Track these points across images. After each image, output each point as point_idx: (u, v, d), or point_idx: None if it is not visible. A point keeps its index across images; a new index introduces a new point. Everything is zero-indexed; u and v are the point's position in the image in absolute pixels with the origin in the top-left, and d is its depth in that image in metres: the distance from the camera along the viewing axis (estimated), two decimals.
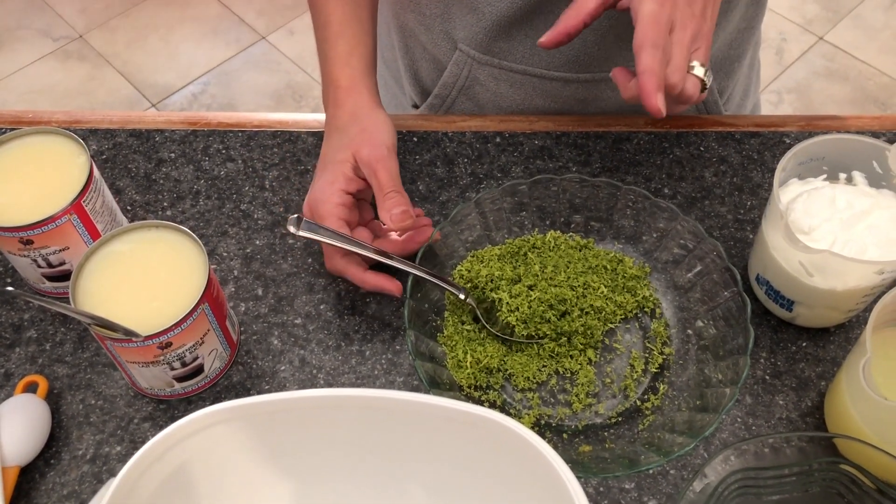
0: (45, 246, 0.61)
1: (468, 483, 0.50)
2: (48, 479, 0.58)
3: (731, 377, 0.57)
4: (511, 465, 0.48)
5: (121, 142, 0.76)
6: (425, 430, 0.49)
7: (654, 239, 0.67)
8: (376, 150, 0.64)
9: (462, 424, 0.48)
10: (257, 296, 0.66)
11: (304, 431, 0.50)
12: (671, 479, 0.58)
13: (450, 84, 0.80)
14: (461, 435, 0.49)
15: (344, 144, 0.65)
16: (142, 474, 0.46)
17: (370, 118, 0.67)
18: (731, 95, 0.84)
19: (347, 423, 0.50)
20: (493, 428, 0.47)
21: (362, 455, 0.51)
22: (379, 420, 0.50)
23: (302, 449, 0.51)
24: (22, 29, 2.32)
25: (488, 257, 0.66)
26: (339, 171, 0.64)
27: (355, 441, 0.51)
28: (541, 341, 0.62)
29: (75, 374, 0.63)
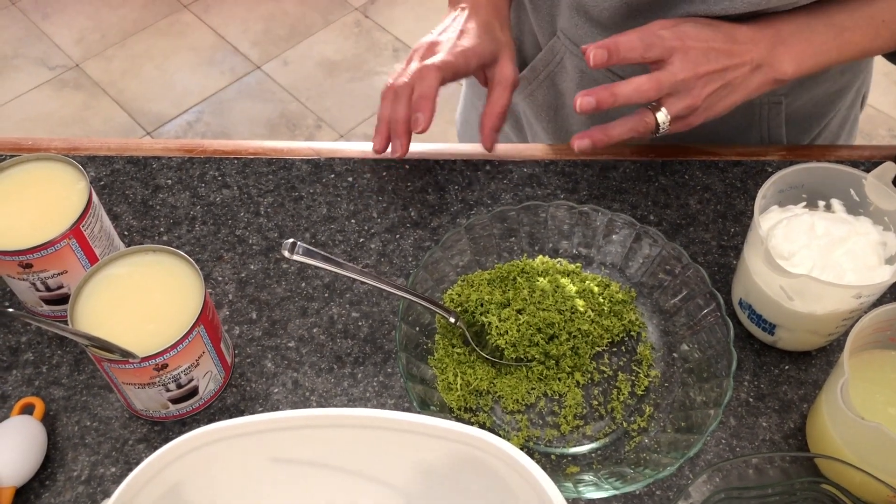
0: (43, 270, 0.62)
1: (456, 501, 0.51)
2: (43, 499, 0.59)
3: (714, 399, 0.59)
4: (501, 485, 0.49)
5: (118, 168, 0.77)
6: (416, 449, 0.51)
7: (639, 264, 0.68)
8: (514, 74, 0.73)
9: (453, 443, 0.49)
10: (251, 319, 0.68)
11: (297, 451, 0.51)
12: (657, 499, 0.59)
13: (540, 67, 0.83)
14: (452, 454, 0.50)
15: (492, 40, 0.72)
16: (136, 494, 0.47)
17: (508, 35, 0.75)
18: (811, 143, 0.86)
19: (339, 442, 0.51)
20: (482, 447, 0.48)
21: (353, 474, 0.52)
22: (371, 439, 0.51)
23: (294, 468, 0.52)
24: (19, 58, 2.34)
25: (478, 282, 0.67)
26: (472, 60, 0.71)
27: (347, 460, 0.52)
28: (529, 364, 0.64)
29: (71, 396, 0.64)
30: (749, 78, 0.65)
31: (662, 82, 0.63)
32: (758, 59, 0.65)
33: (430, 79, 0.69)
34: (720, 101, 0.66)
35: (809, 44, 0.66)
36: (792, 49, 0.65)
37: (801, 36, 0.66)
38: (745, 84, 0.65)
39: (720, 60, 0.64)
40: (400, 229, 0.73)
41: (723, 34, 0.65)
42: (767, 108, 0.79)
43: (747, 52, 0.65)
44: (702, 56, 0.63)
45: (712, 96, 0.65)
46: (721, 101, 0.66)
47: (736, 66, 0.64)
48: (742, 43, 0.65)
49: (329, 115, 2.21)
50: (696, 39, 0.64)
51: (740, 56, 0.64)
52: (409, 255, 0.72)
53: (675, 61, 0.63)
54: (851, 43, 0.67)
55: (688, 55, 0.63)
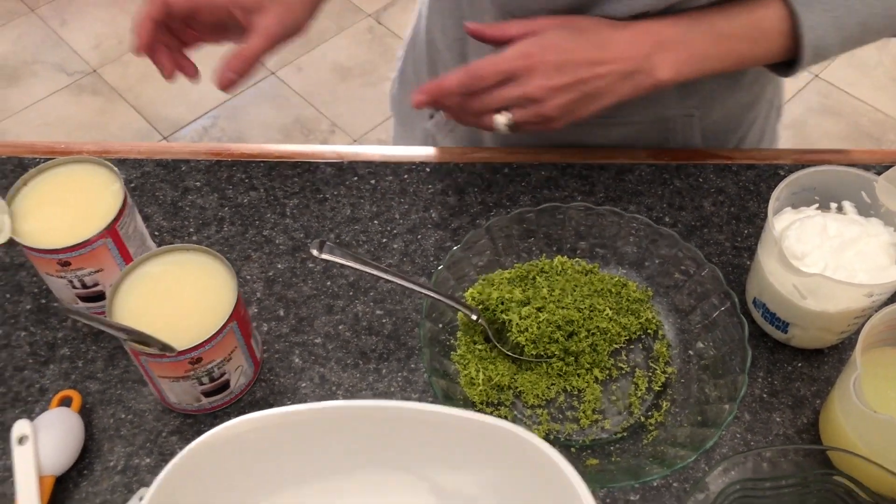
0: (80, 268, 0.64)
1: (482, 491, 0.53)
2: (81, 488, 0.61)
3: (729, 394, 0.61)
4: (524, 474, 0.51)
5: (148, 171, 0.80)
6: (441, 440, 0.53)
7: (655, 265, 0.70)
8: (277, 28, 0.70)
9: (477, 435, 0.51)
10: (279, 316, 0.70)
11: (326, 441, 0.53)
12: (674, 491, 0.61)
13: None
14: (476, 445, 0.52)
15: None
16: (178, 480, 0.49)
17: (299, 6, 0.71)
18: None
19: (367, 433, 0.53)
20: (507, 438, 0.50)
21: (381, 463, 0.54)
22: (397, 430, 0.53)
23: (322, 458, 0.54)
24: (38, 63, 2.38)
25: (498, 281, 0.69)
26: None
27: (374, 450, 0.54)
28: (549, 360, 0.66)
29: (106, 390, 0.66)
30: (618, 84, 0.67)
31: (504, 97, 0.66)
32: (630, 67, 0.67)
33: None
34: (583, 107, 0.68)
35: (689, 51, 0.68)
36: (671, 56, 0.67)
37: (681, 43, 0.67)
38: (614, 90, 0.67)
39: (577, 73, 0.66)
40: (421, 230, 0.75)
41: (591, 44, 0.67)
42: (680, 122, 0.81)
43: (617, 61, 0.66)
44: (554, 71, 0.66)
45: (570, 104, 0.67)
46: (585, 107, 0.68)
47: (599, 76, 0.66)
48: (613, 52, 0.67)
49: (342, 119, 2.23)
50: (556, 51, 0.66)
51: (607, 65, 0.66)
52: (431, 255, 0.74)
53: (524, 76, 0.66)
54: (732, 50, 0.68)
55: (536, 72, 0.66)
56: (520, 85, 0.66)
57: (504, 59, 0.66)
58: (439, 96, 0.68)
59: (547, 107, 0.67)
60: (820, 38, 0.66)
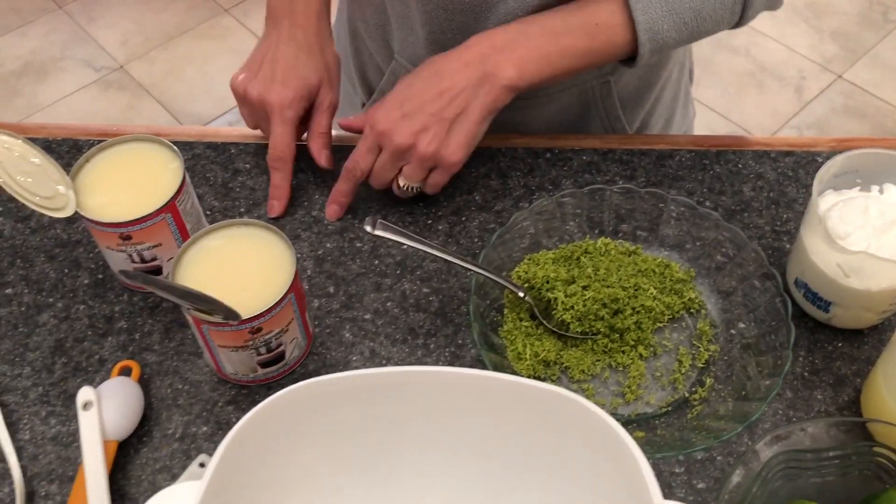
0: (141, 242, 0.67)
1: (536, 456, 0.55)
2: (142, 454, 0.63)
3: (773, 370, 0.62)
4: (578, 438, 0.52)
5: (199, 153, 0.82)
6: (497, 406, 0.54)
7: (697, 247, 0.72)
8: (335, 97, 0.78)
9: (533, 401, 0.53)
10: (329, 293, 0.72)
11: (385, 408, 0.55)
12: (718, 464, 0.62)
13: (386, 89, 0.88)
14: (531, 411, 0.53)
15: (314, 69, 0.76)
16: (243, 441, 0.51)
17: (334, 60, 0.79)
18: (647, 123, 0.91)
19: (423, 400, 0.55)
20: (562, 403, 0.52)
21: (438, 429, 0.56)
22: (454, 397, 0.54)
23: (382, 424, 0.56)
24: (66, 59, 2.41)
25: (543, 260, 0.71)
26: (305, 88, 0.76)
27: (432, 417, 0.55)
28: (594, 337, 0.67)
29: (163, 362, 0.68)
30: (473, 97, 0.70)
31: (384, 165, 0.72)
32: (474, 78, 0.70)
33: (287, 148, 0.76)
34: (458, 130, 0.71)
35: (527, 49, 0.70)
36: (510, 55, 0.70)
37: (516, 43, 0.70)
38: (475, 102, 0.70)
39: (426, 109, 0.70)
40: (465, 212, 0.77)
41: (426, 80, 0.71)
42: (598, 88, 0.84)
43: (456, 82, 0.70)
44: (403, 120, 0.70)
45: (440, 135, 0.70)
46: (460, 129, 0.71)
47: (449, 100, 0.70)
48: (448, 77, 0.70)
49: None
50: (397, 105, 0.71)
51: (450, 91, 0.70)
52: (475, 236, 0.76)
53: (385, 140, 0.71)
54: (570, 47, 0.71)
55: (391, 131, 0.70)
56: (386, 149, 0.72)
57: (362, 139, 0.73)
58: (345, 199, 0.76)
59: (420, 149, 0.70)
60: (654, 22, 0.69)
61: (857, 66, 2.32)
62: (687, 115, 0.99)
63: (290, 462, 0.55)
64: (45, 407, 0.66)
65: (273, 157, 0.76)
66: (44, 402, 0.66)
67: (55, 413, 0.65)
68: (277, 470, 0.54)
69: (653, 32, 0.70)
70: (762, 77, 2.31)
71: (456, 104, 0.69)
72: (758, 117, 2.22)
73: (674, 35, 0.71)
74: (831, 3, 2.50)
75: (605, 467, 0.51)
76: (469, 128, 0.70)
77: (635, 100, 0.88)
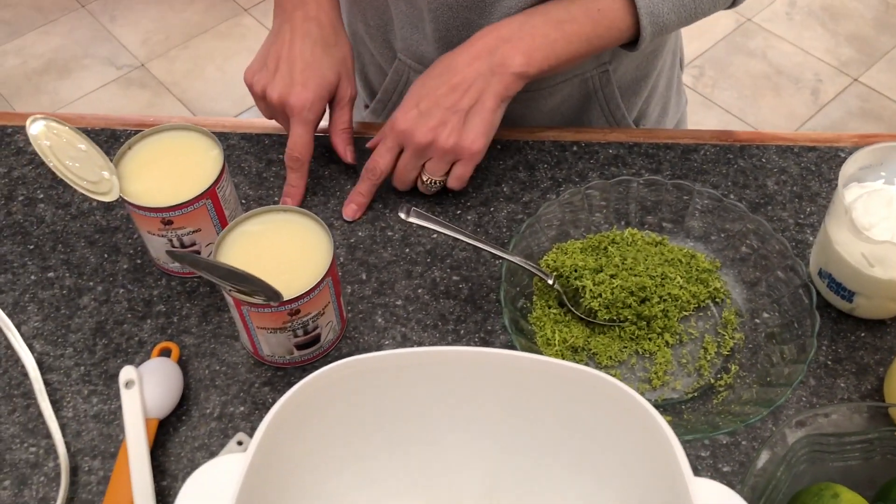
0: (182, 227, 0.68)
1: (568, 435, 0.56)
2: (181, 432, 0.65)
3: (797, 357, 0.63)
4: (609, 418, 0.54)
5: (233, 144, 0.84)
6: (529, 387, 0.56)
7: (722, 239, 0.73)
8: (353, 90, 0.79)
9: (565, 381, 0.54)
10: (361, 280, 0.74)
11: (419, 387, 0.56)
12: (743, 448, 0.64)
13: (390, 89, 0.90)
14: (564, 391, 0.55)
15: (332, 65, 0.77)
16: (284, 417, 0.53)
17: (349, 52, 0.80)
18: (644, 112, 0.94)
19: (457, 380, 0.56)
20: (594, 384, 0.53)
21: (473, 409, 0.57)
22: (488, 377, 0.56)
23: (417, 403, 0.57)
24: (88, 58, 2.44)
25: (571, 250, 0.72)
26: (324, 88, 0.76)
27: (466, 397, 0.57)
28: (622, 324, 0.69)
29: (201, 344, 0.70)
30: (486, 88, 0.72)
31: (406, 165, 0.75)
32: (484, 70, 0.72)
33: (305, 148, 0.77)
34: (474, 121, 0.73)
35: (533, 38, 0.72)
36: (518, 45, 0.72)
37: (522, 33, 0.72)
38: (487, 93, 0.72)
39: (441, 104, 0.72)
40: (494, 203, 0.79)
41: (438, 77, 0.73)
42: (598, 78, 0.86)
43: (467, 75, 0.72)
44: (421, 118, 0.72)
45: (458, 127, 0.72)
46: (476, 120, 0.72)
47: (462, 93, 0.72)
48: (459, 71, 0.72)
49: None
50: (414, 104, 0.73)
51: (462, 84, 0.72)
52: (503, 226, 0.77)
53: (405, 140, 0.73)
54: (574, 33, 0.73)
55: (411, 130, 0.73)
56: (407, 147, 0.74)
57: (382, 141, 0.76)
58: (364, 200, 0.77)
59: (440, 143, 0.72)
60: (654, 6, 0.71)
61: (874, 69, 2.33)
62: (680, 102, 1.01)
63: (327, 441, 0.56)
64: (87, 386, 0.68)
65: (291, 157, 0.77)
66: (86, 382, 0.68)
67: (97, 392, 0.67)
68: (315, 449, 0.56)
69: (654, 16, 0.72)
70: (778, 80, 2.32)
71: (469, 95, 0.71)
72: (774, 120, 2.23)
73: (674, 18, 0.73)
74: (847, 7, 2.51)
75: (636, 446, 0.53)
76: (485, 116, 0.72)
77: (633, 89, 0.90)
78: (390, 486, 0.58)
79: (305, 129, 0.76)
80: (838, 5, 2.51)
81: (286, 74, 0.76)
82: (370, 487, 0.58)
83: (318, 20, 0.77)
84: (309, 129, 0.76)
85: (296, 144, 0.76)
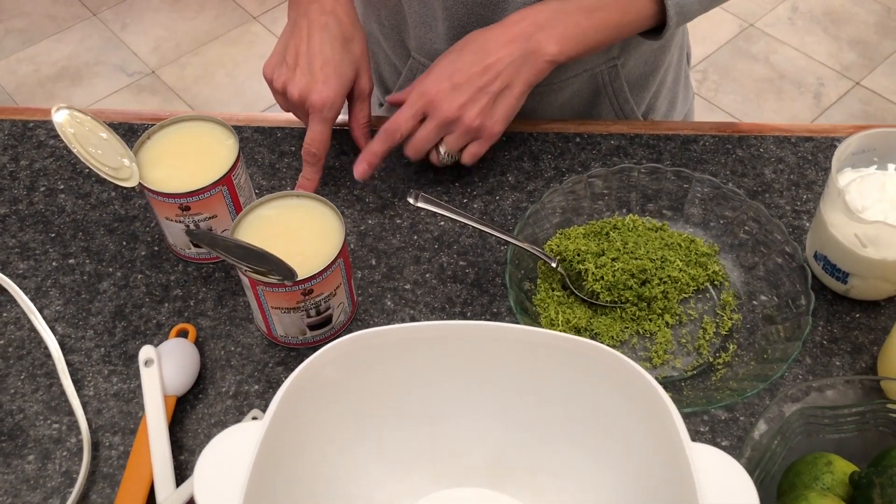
0: (198, 213, 0.71)
1: (573, 405, 0.58)
2: (198, 409, 0.68)
3: (793, 335, 0.66)
4: (612, 388, 0.56)
5: (247, 136, 0.86)
6: (535, 359, 0.58)
7: (721, 225, 0.76)
8: (371, 83, 0.80)
9: (570, 354, 0.57)
10: (371, 265, 0.76)
11: (429, 361, 0.59)
12: (741, 424, 0.66)
13: (405, 87, 0.91)
14: (568, 363, 0.57)
15: (350, 61, 0.78)
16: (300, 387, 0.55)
17: (365, 45, 0.80)
18: (652, 106, 0.96)
19: (465, 353, 0.58)
20: (597, 356, 0.55)
21: (479, 383, 0.59)
22: (495, 351, 0.58)
23: (427, 377, 0.59)
24: (100, 65, 2.48)
25: (574, 235, 0.75)
26: (344, 86, 0.77)
27: (474, 370, 0.59)
28: (623, 306, 0.71)
29: (216, 326, 0.73)
30: (517, 73, 0.74)
31: (426, 134, 0.75)
32: (517, 55, 0.74)
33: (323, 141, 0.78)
34: (502, 105, 0.75)
35: (566, 26, 0.74)
36: (552, 32, 0.74)
37: (556, 20, 0.74)
38: (518, 78, 0.74)
39: (473, 83, 0.74)
40: (499, 192, 0.81)
41: (474, 54, 0.74)
42: (607, 73, 0.88)
43: (502, 58, 0.74)
44: (453, 92, 0.74)
45: (486, 109, 0.74)
46: (504, 104, 0.75)
47: (495, 75, 0.74)
48: (494, 53, 0.74)
49: None
50: (447, 76, 0.74)
51: (496, 66, 0.74)
52: (508, 214, 0.80)
53: (431, 110, 0.74)
54: (605, 21, 0.75)
55: (439, 101, 0.74)
56: (432, 118, 0.75)
57: (408, 105, 0.76)
58: (376, 160, 0.77)
59: (466, 121, 0.74)
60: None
61: (876, 72, 2.35)
62: (687, 97, 1.04)
63: (341, 414, 0.58)
64: (108, 366, 0.70)
65: (308, 152, 0.78)
66: (106, 362, 0.70)
67: (117, 372, 0.70)
68: (329, 421, 0.58)
69: (679, 5, 0.74)
70: (781, 84, 2.34)
71: (501, 79, 0.74)
72: (777, 123, 2.25)
73: (697, 5, 0.75)
74: (849, 12, 2.53)
75: (636, 415, 0.55)
76: (511, 102, 0.74)
77: (641, 83, 0.92)
78: (400, 458, 0.61)
79: (324, 126, 0.77)
80: (840, 10, 2.54)
81: (306, 71, 0.76)
82: (382, 460, 0.60)
83: (334, 14, 0.78)
84: (327, 127, 0.77)
85: (314, 141, 0.77)
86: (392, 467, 0.60)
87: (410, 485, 0.61)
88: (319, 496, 0.57)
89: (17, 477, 0.64)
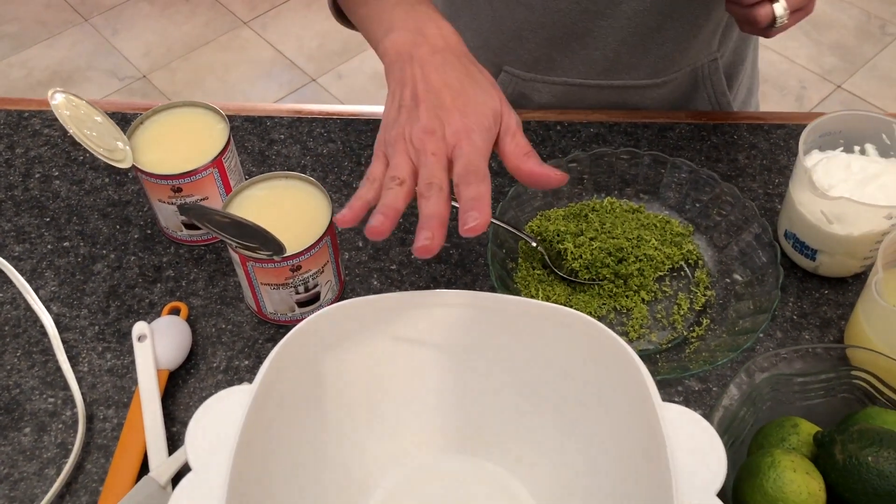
0: (190, 194, 0.73)
1: (550, 371, 0.61)
2: (190, 384, 0.70)
3: (763, 308, 0.68)
4: (586, 353, 0.58)
5: (237, 125, 0.89)
6: (514, 326, 0.60)
7: (696, 208, 0.78)
8: (516, 116, 0.62)
9: (547, 320, 0.59)
10: (358, 247, 0.78)
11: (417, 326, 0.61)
12: (714, 394, 0.69)
13: None
14: (545, 330, 0.59)
15: (488, 92, 0.61)
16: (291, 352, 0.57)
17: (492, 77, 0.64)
18: (737, 94, 0.98)
19: (446, 322, 0.61)
20: (572, 321, 0.58)
21: (461, 352, 0.62)
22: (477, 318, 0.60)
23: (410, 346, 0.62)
24: (91, 69, 2.50)
25: (554, 217, 0.77)
26: (489, 119, 0.59)
27: (457, 338, 0.61)
28: (601, 283, 0.74)
29: (207, 305, 0.75)
30: None
31: None
32: None
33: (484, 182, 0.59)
34: None
35: None
36: None
37: None
38: None
39: None
40: None
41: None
42: (708, 67, 0.91)
43: None
44: None
45: None
46: None
47: None
48: None
49: None
50: None
51: None
52: (492, 198, 0.82)
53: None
54: None
55: None
56: None
57: None
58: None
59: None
60: None
61: (856, 76, 2.40)
62: (758, 86, 1.06)
63: (329, 383, 0.61)
64: (102, 343, 0.72)
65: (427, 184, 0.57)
66: (100, 339, 0.73)
67: (110, 348, 0.72)
68: (315, 386, 0.60)
69: None
70: (764, 87, 2.38)
71: None
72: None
73: None
74: (830, 17, 2.58)
75: (611, 378, 0.57)
76: None
77: (731, 73, 0.95)
78: (384, 425, 0.63)
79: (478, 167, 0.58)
80: (822, 15, 2.59)
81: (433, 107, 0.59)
82: (368, 426, 0.62)
83: (451, 49, 0.63)
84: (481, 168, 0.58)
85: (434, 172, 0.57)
86: (378, 434, 0.63)
87: (394, 452, 0.63)
88: (306, 459, 0.59)
89: (13, 448, 0.66)
